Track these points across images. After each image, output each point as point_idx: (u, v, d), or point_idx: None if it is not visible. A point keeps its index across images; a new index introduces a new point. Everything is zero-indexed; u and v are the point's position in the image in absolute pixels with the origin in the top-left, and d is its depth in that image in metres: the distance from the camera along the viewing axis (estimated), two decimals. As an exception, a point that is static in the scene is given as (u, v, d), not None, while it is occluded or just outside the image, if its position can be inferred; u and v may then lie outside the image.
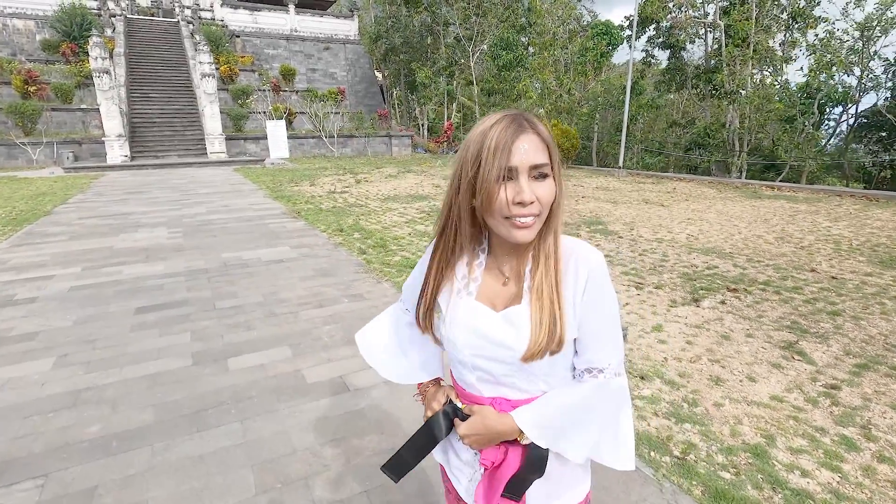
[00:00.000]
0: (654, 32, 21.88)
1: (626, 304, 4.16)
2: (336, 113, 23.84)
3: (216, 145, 19.91)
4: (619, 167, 15.58)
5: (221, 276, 5.02)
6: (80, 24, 22.25)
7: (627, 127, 16.94)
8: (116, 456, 2.27)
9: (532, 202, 0.82)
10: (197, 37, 23.03)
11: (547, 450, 0.93)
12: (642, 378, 2.96)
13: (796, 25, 17.76)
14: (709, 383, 2.91)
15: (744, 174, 18.05)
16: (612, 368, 0.91)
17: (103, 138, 18.20)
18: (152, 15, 27.32)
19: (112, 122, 17.83)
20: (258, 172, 15.85)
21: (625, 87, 20.36)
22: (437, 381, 1.11)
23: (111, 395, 2.80)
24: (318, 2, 33.86)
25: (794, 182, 16.57)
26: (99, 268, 5.33)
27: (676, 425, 2.49)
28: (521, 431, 0.92)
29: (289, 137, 21.79)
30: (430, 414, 1.02)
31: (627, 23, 21.87)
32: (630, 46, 16.82)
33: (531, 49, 26.13)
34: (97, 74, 17.49)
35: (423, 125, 36.72)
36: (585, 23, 30.00)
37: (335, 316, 3.91)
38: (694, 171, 21.05)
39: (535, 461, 0.94)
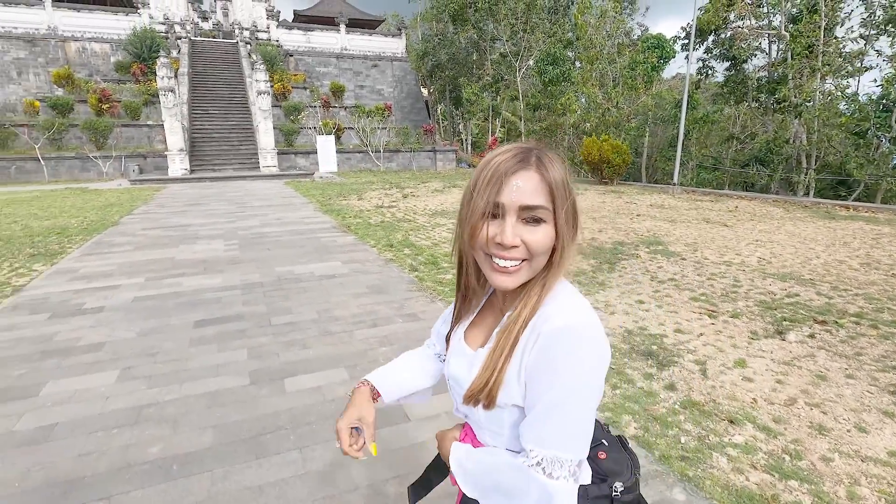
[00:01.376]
0: (712, 44, 21.12)
1: (701, 334, 3.83)
2: (382, 128, 24.28)
3: (269, 159, 20.63)
4: (674, 184, 14.96)
5: (276, 290, 5.04)
6: (149, 46, 23.80)
7: (682, 142, 16.29)
8: (177, 481, 2.21)
9: (515, 246, 0.75)
10: (254, 56, 24.12)
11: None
12: (731, 422, 2.66)
13: (874, 33, 16.63)
14: (811, 432, 2.58)
15: (811, 192, 16.93)
16: (534, 456, 0.74)
17: (166, 152, 19.23)
18: (214, 37, 28.93)
19: (174, 137, 18.82)
20: (308, 186, 16.25)
21: (677, 101, 19.67)
22: None
23: (172, 412, 2.77)
24: (367, 21, 34.88)
25: (868, 202, 15.38)
26: (161, 279, 5.48)
27: (781, 482, 2.19)
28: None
29: (337, 152, 22.32)
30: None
31: (684, 33, 21.23)
32: (687, 58, 16.25)
33: (578, 63, 25.81)
34: (163, 93, 18.56)
35: (467, 140, 36.91)
36: (636, 37, 29.43)
37: (390, 337, 3.80)
38: (751, 188, 19.97)
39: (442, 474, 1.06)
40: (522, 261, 0.77)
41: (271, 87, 22.99)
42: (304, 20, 33.32)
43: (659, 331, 3.87)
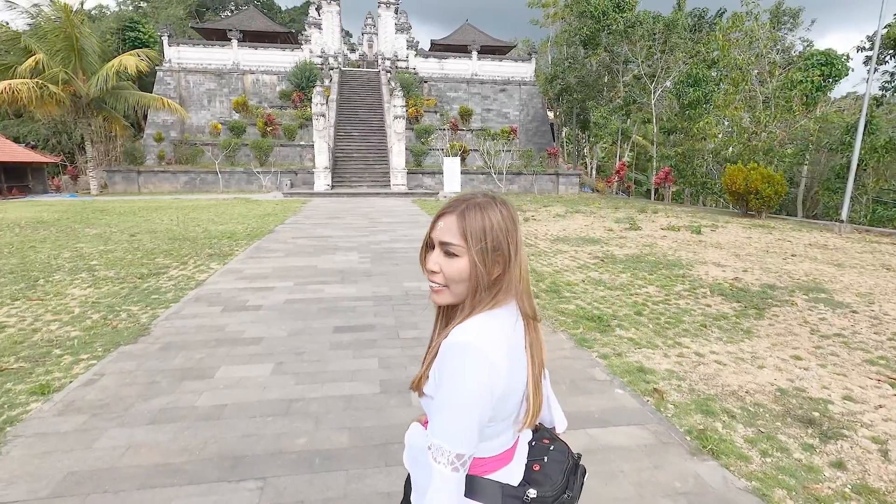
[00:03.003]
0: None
1: (880, 406, 3.22)
2: (507, 151, 24.61)
3: (399, 178, 22.10)
4: (841, 221, 12.86)
5: (404, 304, 5.36)
6: (307, 76, 27.16)
7: (856, 172, 14.01)
8: (318, 474, 2.45)
9: (435, 272, 0.98)
10: (393, 83, 26.19)
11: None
12: (925, 522, 2.19)
13: None
14: None
15: None
16: (429, 442, 0.92)
17: (313, 169, 21.64)
18: (359, 66, 32.04)
19: (321, 156, 21.10)
20: (433, 205, 17.05)
21: (849, 126, 17.00)
22: None
23: (315, 409, 3.08)
24: (498, 48, 35.90)
25: None
26: (306, 284, 6.15)
27: None
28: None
29: (461, 173, 23.11)
30: None
31: (870, 44, 18.38)
32: (868, 74, 14.03)
33: (722, 85, 23.65)
34: (315, 117, 20.98)
35: (591, 164, 35.76)
36: (795, 53, 26.22)
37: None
38: (953, 230, 16.32)
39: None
40: (444, 285, 0.97)
41: (406, 111, 24.73)
42: (439, 48, 35.39)
43: (822, 395, 3.35)
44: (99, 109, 21.91)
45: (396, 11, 30.72)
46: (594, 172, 34.49)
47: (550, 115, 35.82)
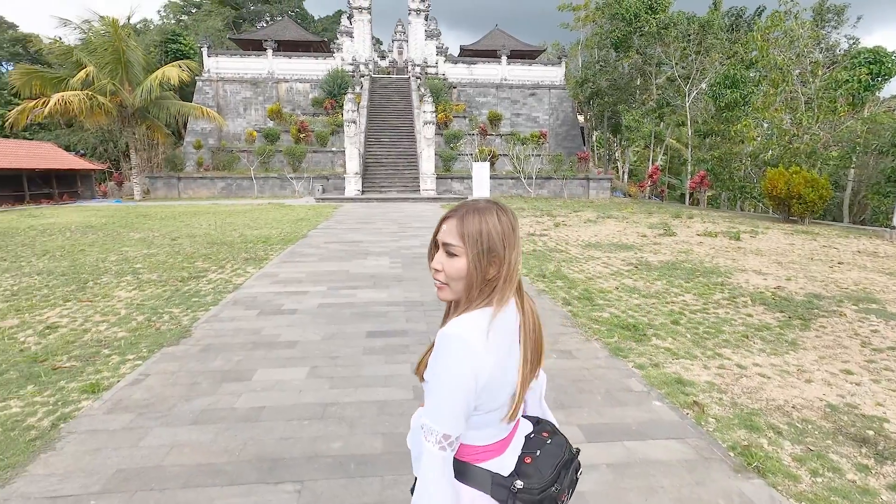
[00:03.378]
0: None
1: (941, 425, 3.04)
2: (536, 155, 24.44)
3: (428, 183, 22.22)
4: (892, 227, 12.21)
5: (435, 310, 5.37)
6: (339, 84, 27.69)
7: (907, 176, 13.27)
8: (354, 479, 2.48)
9: (438, 270, 1.07)
10: (422, 89, 26.42)
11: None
12: None
13: None
14: None
15: None
16: (422, 421, 1.02)
17: (344, 175, 22.00)
18: (389, 73, 32.46)
19: (352, 162, 21.44)
20: (461, 210, 17.06)
21: (902, 127, 16.13)
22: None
23: (350, 414, 3.12)
24: (528, 52, 35.75)
25: None
26: (339, 289, 6.25)
27: None
28: None
29: (490, 178, 23.07)
30: None
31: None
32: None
33: (761, 86, 22.84)
34: (347, 124, 21.35)
35: (623, 168, 35.11)
36: (840, 51, 25.11)
37: (545, 371, 3.76)
38: None
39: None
40: (446, 283, 1.07)
41: (435, 116, 24.88)
42: (468, 54, 35.50)
43: (877, 412, 3.17)
44: (143, 119, 22.90)
45: (426, 18, 31.02)
46: (626, 177, 33.87)
47: (581, 118, 35.38)
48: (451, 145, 25.49)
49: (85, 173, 25.27)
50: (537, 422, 1.26)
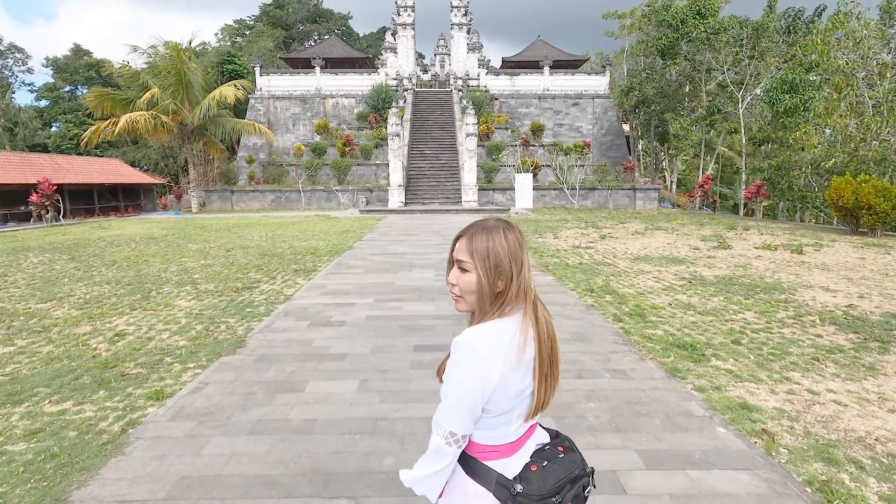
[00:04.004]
0: None
1: None
2: (580, 165, 24.05)
3: (470, 195, 22.28)
4: (979, 240, 11.13)
5: (481, 325, 5.32)
6: (383, 98, 28.35)
7: None
8: (407, 498, 2.46)
9: (453, 284, 1.18)
10: (464, 102, 26.64)
11: None
12: None
13: None
14: None
15: None
16: (435, 421, 1.15)
17: (387, 187, 22.41)
18: (431, 86, 32.95)
19: (396, 174, 21.81)
20: (504, 221, 16.95)
21: None
22: None
23: (400, 430, 3.12)
24: (571, 62, 35.40)
25: None
26: (385, 301, 6.32)
27: None
28: None
29: (533, 188, 22.87)
30: None
31: None
32: None
33: (823, 90, 21.55)
34: (391, 137, 21.78)
35: (671, 178, 33.98)
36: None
37: (597, 392, 3.64)
38: None
39: None
40: (460, 296, 1.18)
41: (477, 128, 25.02)
42: (510, 66, 35.56)
43: (976, 449, 2.86)
44: (201, 135, 24.24)
45: (468, 32, 31.36)
46: (674, 186, 32.74)
47: (625, 127, 34.60)
48: (493, 157, 25.49)
49: (147, 187, 26.94)
50: (556, 435, 1.31)
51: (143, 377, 3.97)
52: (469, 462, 1.19)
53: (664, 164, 36.41)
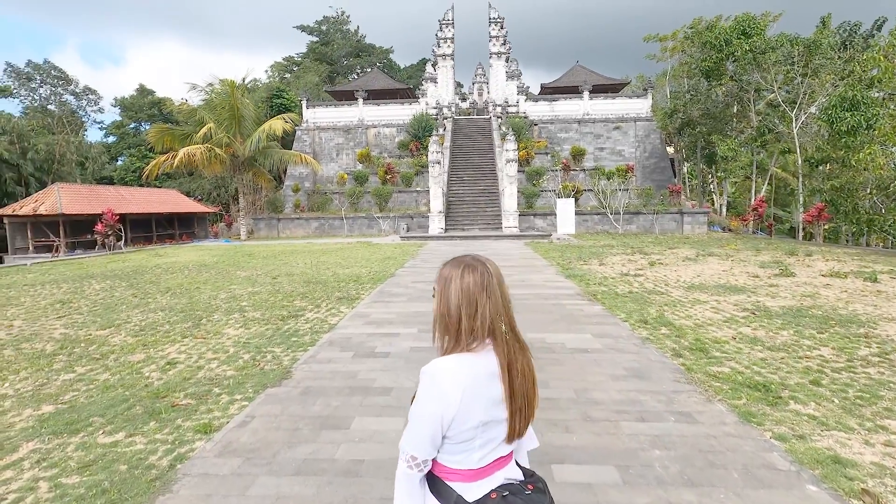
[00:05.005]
0: None
1: None
2: (623, 189, 23.50)
3: (510, 220, 22.10)
4: None
5: (529, 358, 5.09)
6: (423, 127, 28.92)
7: None
8: (462, 555, 2.26)
9: None
10: (504, 128, 26.77)
11: None
12: None
13: None
14: None
15: None
16: (400, 446, 1.25)
17: (428, 213, 22.57)
18: (470, 114, 33.39)
19: (436, 201, 21.97)
20: (546, 248, 16.65)
21: None
22: None
23: (450, 475, 2.93)
24: (611, 86, 35.12)
25: None
26: (429, 331, 6.18)
27: None
28: None
29: (575, 213, 22.47)
30: None
31: None
32: None
33: (888, 107, 20.28)
34: (431, 164, 22.06)
35: (720, 201, 32.62)
36: None
37: (664, 438, 3.34)
38: None
39: None
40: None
41: (517, 154, 25.00)
42: (549, 91, 35.61)
43: None
44: (251, 166, 25.37)
45: (507, 60, 31.75)
46: (724, 210, 31.38)
47: (670, 150, 33.70)
48: (534, 182, 25.33)
49: (201, 216, 28.30)
50: (531, 475, 1.34)
51: (192, 408, 3.97)
52: (433, 479, 1.26)
53: (712, 186, 35.09)
